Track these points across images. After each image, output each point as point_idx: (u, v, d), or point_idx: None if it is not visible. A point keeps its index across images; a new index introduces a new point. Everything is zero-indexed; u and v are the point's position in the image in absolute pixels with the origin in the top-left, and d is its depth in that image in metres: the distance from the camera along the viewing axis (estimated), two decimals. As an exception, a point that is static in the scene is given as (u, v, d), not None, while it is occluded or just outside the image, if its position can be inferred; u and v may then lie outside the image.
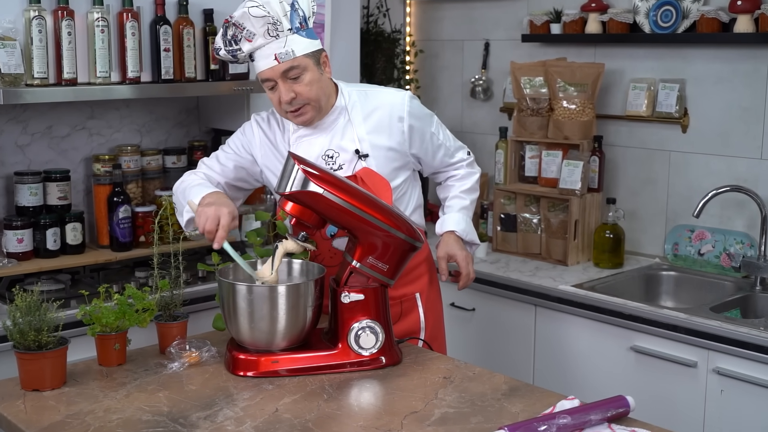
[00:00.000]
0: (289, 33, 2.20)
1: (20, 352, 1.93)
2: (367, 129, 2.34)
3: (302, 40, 2.22)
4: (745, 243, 3.19)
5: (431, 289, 2.51)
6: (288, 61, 2.19)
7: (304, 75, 2.22)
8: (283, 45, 2.19)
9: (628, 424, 1.77)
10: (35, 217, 3.05)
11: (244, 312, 1.99)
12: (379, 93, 2.41)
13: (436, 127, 2.46)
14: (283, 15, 2.18)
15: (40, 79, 2.80)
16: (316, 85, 2.25)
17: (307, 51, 2.22)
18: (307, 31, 2.23)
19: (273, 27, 2.17)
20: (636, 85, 3.46)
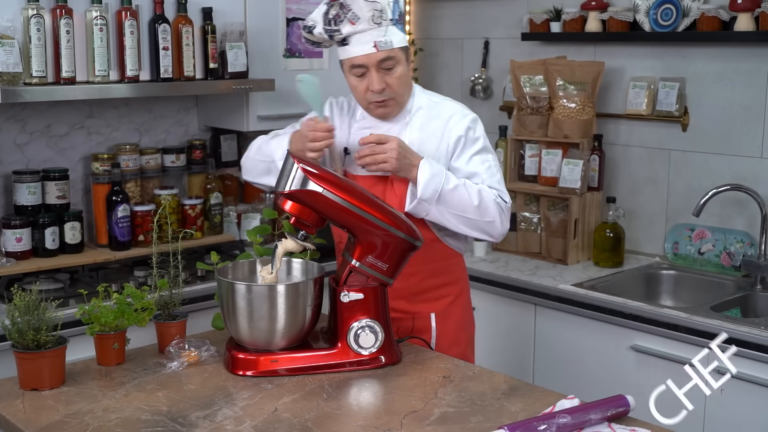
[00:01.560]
0: (389, 23, 2.23)
1: (19, 352, 1.92)
2: (420, 135, 2.33)
3: (398, 32, 2.25)
4: (745, 242, 3.18)
5: (452, 312, 2.43)
6: (386, 50, 2.22)
7: (397, 67, 2.26)
8: (384, 34, 2.22)
9: (628, 423, 1.77)
10: (34, 216, 3.04)
11: (244, 311, 1.99)
12: (446, 106, 2.38)
13: (483, 159, 2.33)
14: (387, 4, 2.22)
15: (38, 77, 2.80)
16: (404, 79, 2.29)
17: (402, 44, 2.26)
18: (401, 25, 2.27)
19: (379, 14, 2.20)
20: (636, 83, 3.45)
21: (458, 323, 2.44)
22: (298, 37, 3.51)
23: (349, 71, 2.29)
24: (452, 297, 2.43)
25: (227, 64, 3.25)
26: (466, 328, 2.48)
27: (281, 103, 3.46)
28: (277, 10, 3.43)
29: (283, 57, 3.48)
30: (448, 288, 2.42)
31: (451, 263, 2.43)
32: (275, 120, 3.48)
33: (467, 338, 2.49)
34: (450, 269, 2.43)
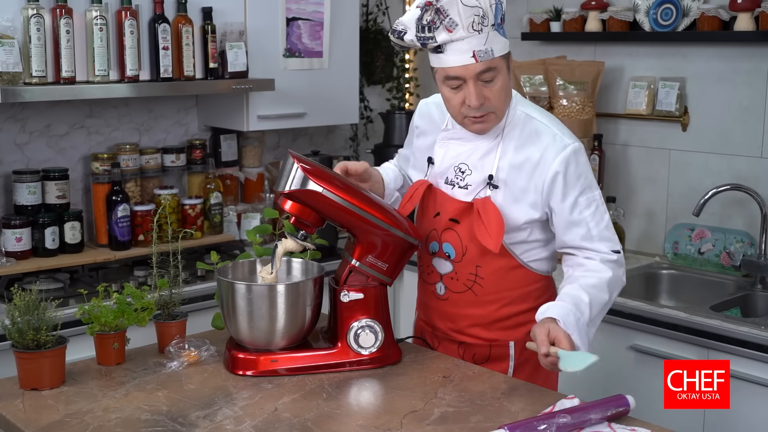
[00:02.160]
0: (491, 29, 1.96)
1: (19, 352, 1.92)
2: (512, 160, 2.07)
3: (500, 38, 1.98)
4: (745, 242, 3.18)
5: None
6: (486, 60, 1.96)
7: (498, 78, 2.00)
8: (484, 42, 1.95)
9: (628, 423, 1.77)
10: (34, 216, 3.04)
11: (243, 311, 1.99)
12: (544, 128, 2.08)
13: (589, 200, 2.06)
14: (490, 6, 1.95)
15: (38, 77, 2.80)
16: (504, 91, 2.04)
17: (504, 51, 2.00)
18: (503, 28, 2.01)
19: (480, 20, 1.93)
20: (636, 83, 3.45)
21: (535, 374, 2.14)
22: (298, 36, 3.51)
23: (443, 82, 2.02)
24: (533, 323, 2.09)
25: (227, 63, 3.25)
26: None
27: (281, 102, 3.46)
28: (276, 9, 3.43)
29: (282, 57, 3.48)
30: (530, 314, 2.06)
31: (536, 288, 2.16)
32: (275, 119, 3.48)
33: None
34: (534, 295, 2.15)
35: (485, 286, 2.12)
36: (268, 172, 3.80)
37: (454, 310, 2.18)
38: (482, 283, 2.12)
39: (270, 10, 3.42)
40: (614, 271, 2.06)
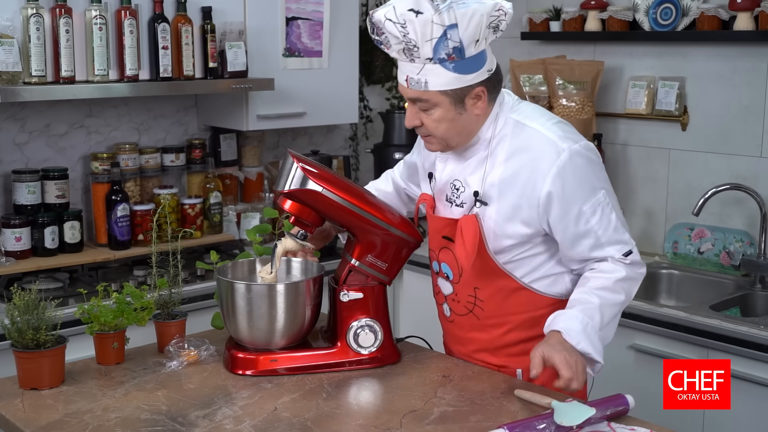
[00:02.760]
0: (427, 62, 1.83)
1: (18, 351, 1.92)
2: (502, 173, 1.93)
3: (444, 73, 1.84)
4: (744, 241, 3.18)
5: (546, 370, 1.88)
6: (416, 91, 1.87)
7: (433, 111, 1.89)
8: (417, 72, 1.85)
9: (628, 422, 1.77)
10: (33, 216, 3.04)
11: (243, 310, 1.99)
12: (535, 133, 1.92)
13: (594, 206, 1.91)
14: (427, 40, 1.80)
15: (37, 77, 2.80)
16: (445, 124, 1.90)
17: (448, 87, 1.85)
18: (458, 63, 1.83)
19: (408, 51, 1.84)
20: (635, 83, 3.45)
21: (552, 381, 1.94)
22: (298, 36, 3.51)
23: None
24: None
25: (227, 63, 3.25)
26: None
27: (281, 102, 3.46)
28: (276, 9, 3.43)
29: (282, 56, 3.47)
30: (536, 342, 1.92)
31: (547, 313, 1.96)
32: (275, 119, 3.48)
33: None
34: (545, 320, 1.95)
35: (486, 309, 2.02)
36: (267, 172, 3.80)
37: (460, 333, 2.13)
38: (482, 306, 2.02)
39: (269, 9, 3.41)
40: (628, 270, 1.95)
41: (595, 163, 1.97)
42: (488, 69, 1.91)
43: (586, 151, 1.94)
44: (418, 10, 1.79)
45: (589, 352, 1.87)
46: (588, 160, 1.93)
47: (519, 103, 2.02)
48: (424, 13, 1.79)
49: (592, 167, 1.95)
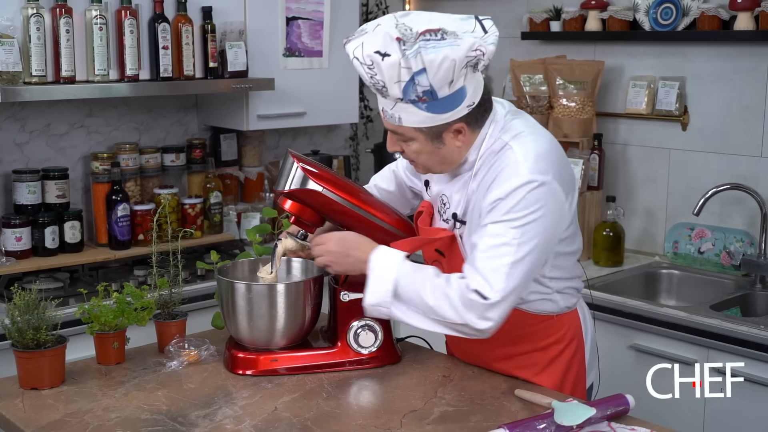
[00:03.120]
0: (399, 101, 1.78)
1: (19, 351, 1.92)
2: (478, 198, 1.87)
3: (417, 112, 1.78)
4: (745, 241, 3.18)
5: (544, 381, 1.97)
6: (391, 124, 1.85)
7: (411, 143, 1.86)
8: (391, 107, 1.81)
9: (628, 422, 1.77)
10: (34, 216, 3.04)
11: (243, 310, 1.99)
12: (514, 161, 1.81)
13: (499, 232, 1.77)
14: (395, 82, 1.74)
15: (38, 77, 2.80)
16: (424, 156, 1.87)
17: (422, 125, 1.80)
18: (431, 104, 1.76)
19: (380, 88, 1.79)
20: (636, 82, 3.45)
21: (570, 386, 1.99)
22: (298, 36, 3.51)
23: None
24: (541, 365, 1.99)
25: (227, 63, 3.25)
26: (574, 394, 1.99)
27: (281, 102, 3.46)
28: (276, 9, 3.43)
29: (282, 56, 3.47)
30: (536, 355, 1.98)
31: (540, 329, 1.98)
32: (275, 119, 3.48)
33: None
34: (539, 336, 1.98)
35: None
36: (267, 172, 3.80)
37: (458, 343, 2.13)
38: None
39: (270, 9, 3.41)
40: (461, 304, 1.78)
41: (544, 206, 1.78)
42: (469, 104, 1.81)
43: (543, 190, 1.78)
44: (384, 52, 1.72)
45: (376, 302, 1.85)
46: (537, 199, 1.78)
47: (512, 118, 1.91)
48: (391, 55, 1.72)
49: (536, 209, 1.78)
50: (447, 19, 1.78)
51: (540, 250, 1.81)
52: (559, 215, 1.84)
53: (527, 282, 1.83)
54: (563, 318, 2.01)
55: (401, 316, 1.86)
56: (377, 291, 1.86)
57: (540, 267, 1.87)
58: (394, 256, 1.88)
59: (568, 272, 1.98)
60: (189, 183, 3.49)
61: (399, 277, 1.84)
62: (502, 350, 2.01)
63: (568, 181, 1.86)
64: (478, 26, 1.80)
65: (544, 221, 1.79)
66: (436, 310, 1.81)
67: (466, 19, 1.81)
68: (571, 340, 2.02)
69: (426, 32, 1.72)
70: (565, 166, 1.89)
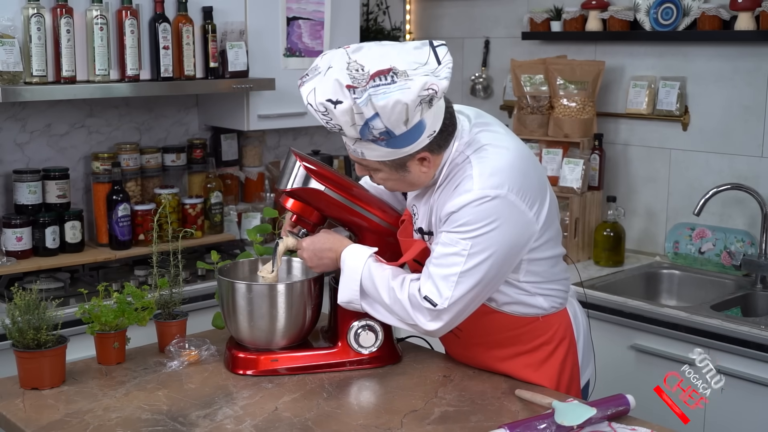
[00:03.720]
0: (358, 140, 1.81)
1: (19, 351, 1.92)
2: (439, 211, 1.89)
3: (378, 148, 1.80)
4: (745, 241, 3.18)
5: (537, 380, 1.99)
6: (356, 156, 1.87)
7: (377, 173, 1.90)
8: (352, 144, 1.84)
9: (629, 422, 1.77)
10: (34, 216, 3.04)
11: (244, 311, 1.99)
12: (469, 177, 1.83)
13: (450, 242, 1.81)
14: (351, 125, 1.75)
15: (38, 77, 2.80)
16: (391, 183, 1.92)
17: (385, 159, 1.83)
18: (389, 141, 1.77)
19: (336, 132, 1.82)
20: (636, 82, 3.45)
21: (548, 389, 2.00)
22: (299, 36, 3.51)
23: None
24: (534, 366, 2.00)
25: (227, 63, 3.25)
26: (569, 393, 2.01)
27: (281, 102, 3.45)
28: (277, 9, 3.43)
29: (283, 56, 3.47)
30: (526, 357, 2.00)
31: (526, 331, 1.99)
32: (275, 119, 3.48)
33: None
34: (526, 338, 1.99)
35: (464, 329, 1.98)
36: (268, 172, 3.80)
37: (449, 348, 2.16)
38: (461, 327, 1.96)
39: (270, 9, 3.41)
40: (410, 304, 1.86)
41: (498, 219, 1.80)
42: (429, 134, 1.81)
43: (496, 203, 1.79)
44: (336, 100, 1.73)
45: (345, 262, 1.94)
46: (489, 212, 1.79)
47: (479, 130, 1.91)
48: (342, 102, 1.72)
49: (488, 220, 1.79)
50: (399, 53, 1.76)
51: (494, 261, 1.82)
52: (519, 226, 1.84)
53: (482, 289, 1.85)
54: (550, 319, 2.00)
55: (371, 311, 1.95)
56: (348, 289, 1.95)
57: (499, 277, 1.87)
58: (361, 253, 1.95)
59: (547, 276, 1.98)
60: (189, 183, 3.49)
61: (363, 275, 1.93)
62: (493, 353, 2.02)
63: (532, 191, 1.86)
64: (432, 57, 1.77)
65: (498, 233, 1.80)
66: (390, 309, 1.91)
67: (420, 47, 1.79)
68: (562, 339, 2.01)
69: (376, 75, 1.71)
70: (529, 176, 1.88)
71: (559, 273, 2.02)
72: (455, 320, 1.87)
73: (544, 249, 1.93)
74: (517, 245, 1.85)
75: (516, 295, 1.95)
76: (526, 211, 1.84)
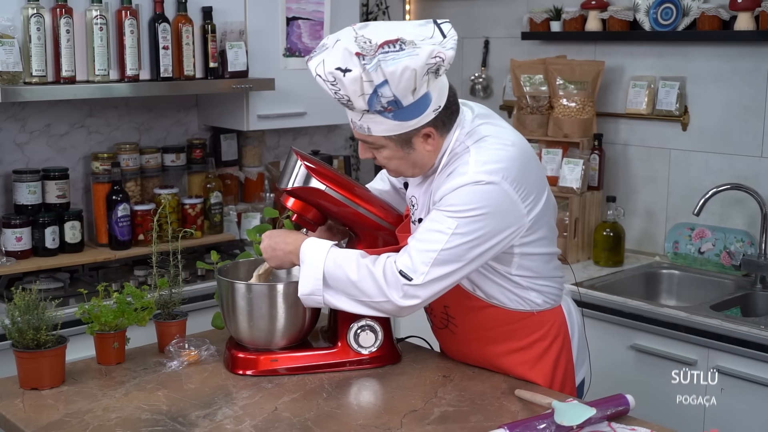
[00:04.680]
0: (365, 113, 1.81)
1: (19, 351, 1.92)
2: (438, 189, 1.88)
3: (385, 121, 1.80)
4: (745, 241, 3.18)
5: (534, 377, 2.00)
6: (361, 134, 1.87)
7: (383, 150, 1.88)
8: (359, 119, 1.84)
9: (628, 422, 1.77)
10: (34, 216, 3.04)
11: (243, 311, 1.99)
12: (463, 158, 1.86)
13: (437, 219, 1.82)
14: (359, 96, 1.76)
15: (38, 77, 2.80)
16: (395, 161, 1.90)
17: (391, 133, 1.83)
18: (397, 112, 1.79)
19: (345, 101, 1.81)
20: (636, 83, 3.45)
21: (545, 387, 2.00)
22: (298, 36, 3.51)
23: None
24: (530, 363, 2.00)
25: (227, 63, 3.25)
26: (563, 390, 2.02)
27: (281, 102, 3.45)
28: (277, 9, 3.43)
29: (283, 56, 3.47)
30: (523, 353, 2.00)
31: (521, 326, 2.00)
32: (275, 119, 3.48)
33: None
34: (521, 333, 2.00)
35: (459, 325, 2.02)
36: (268, 172, 3.80)
37: (444, 344, 2.16)
38: (456, 323, 2.02)
39: (270, 9, 3.41)
40: (383, 278, 1.83)
41: (489, 205, 1.80)
42: (435, 108, 1.84)
43: (489, 188, 1.80)
44: (345, 68, 1.74)
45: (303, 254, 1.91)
46: (481, 196, 1.80)
47: (481, 122, 1.93)
48: (352, 70, 1.73)
49: (479, 204, 1.80)
50: (405, 27, 1.80)
51: (477, 246, 1.82)
52: (509, 216, 1.84)
53: (457, 272, 1.84)
54: (545, 315, 2.01)
55: (333, 302, 1.91)
56: (308, 280, 1.90)
57: (477, 263, 1.86)
58: (323, 244, 1.92)
59: (540, 272, 1.98)
60: (189, 183, 3.49)
61: (327, 262, 1.88)
62: (489, 349, 2.03)
63: (528, 185, 1.86)
64: (437, 31, 1.81)
65: (486, 220, 1.81)
66: (358, 286, 1.85)
67: (425, 24, 1.82)
68: (556, 336, 2.02)
69: (384, 44, 1.74)
70: (527, 170, 1.88)
71: (553, 271, 2.02)
72: (427, 298, 1.84)
73: (537, 245, 1.94)
74: (503, 235, 1.85)
75: (509, 288, 1.96)
76: (518, 202, 1.84)
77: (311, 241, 1.95)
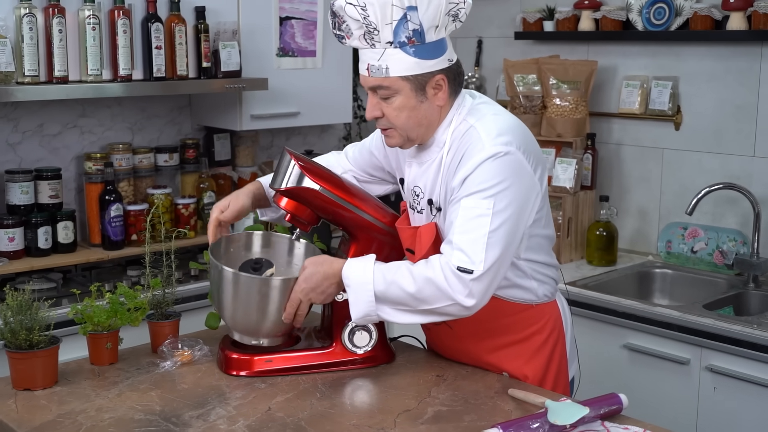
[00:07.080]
0: (388, 46, 1.82)
1: (11, 352, 1.92)
2: (450, 180, 1.89)
3: (405, 58, 1.82)
4: (737, 240, 3.19)
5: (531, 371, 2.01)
6: (378, 78, 1.85)
7: (394, 98, 1.87)
8: (378, 58, 1.83)
9: (621, 421, 1.77)
10: (26, 216, 3.03)
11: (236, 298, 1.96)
12: (477, 138, 1.86)
13: (473, 204, 1.80)
14: (387, 23, 1.79)
15: (31, 77, 2.79)
16: (406, 112, 1.88)
17: (409, 72, 1.84)
18: (418, 47, 1.82)
19: (369, 34, 1.82)
20: (629, 82, 3.46)
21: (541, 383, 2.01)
22: (291, 36, 3.50)
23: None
24: (525, 357, 2.01)
25: (220, 63, 3.24)
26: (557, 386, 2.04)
27: (274, 102, 3.45)
28: (270, 9, 3.43)
29: (276, 56, 3.47)
30: (522, 345, 2.01)
31: (520, 319, 2.00)
32: (268, 119, 3.48)
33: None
34: (519, 326, 2.00)
35: (459, 319, 1.95)
36: (261, 172, 3.80)
37: (441, 341, 2.15)
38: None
39: (263, 9, 3.41)
40: (444, 282, 1.79)
41: (512, 175, 1.83)
42: (449, 58, 1.89)
43: (506, 158, 1.82)
44: None
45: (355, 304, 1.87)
46: (503, 167, 1.82)
47: (481, 104, 1.96)
48: None
49: (503, 175, 1.81)
50: None
51: (515, 219, 1.83)
52: (529, 185, 1.87)
53: (508, 252, 1.84)
54: (543, 308, 2.02)
55: (390, 318, 1.88)
56: (360, 302, 1.87)
57: (517, 239, 1.88)
58: (365, 262, 1.89)
59: (543, 257, 2.00)
60: (182, 183, 3.49)
61: (376, 279, 1.85)
62: (485, 344, 2.03)
63: (534, 155, 1.90)
64: None
65: (514, 190, 1.83)
66: (418, 297, 1.82)
67: None
68: (552, 330, 2.03)
69: None
70: (530, 141, 1.93)
71: (553, 259, 2.05)
72: (491, 288, 1.82)
73: (543, 225, 1.98)
74: (527, 206, 1.88)
75: (512, 277, 1.95)
76: (531, 172, 1.88)
77: (351, 263, 1.89)
